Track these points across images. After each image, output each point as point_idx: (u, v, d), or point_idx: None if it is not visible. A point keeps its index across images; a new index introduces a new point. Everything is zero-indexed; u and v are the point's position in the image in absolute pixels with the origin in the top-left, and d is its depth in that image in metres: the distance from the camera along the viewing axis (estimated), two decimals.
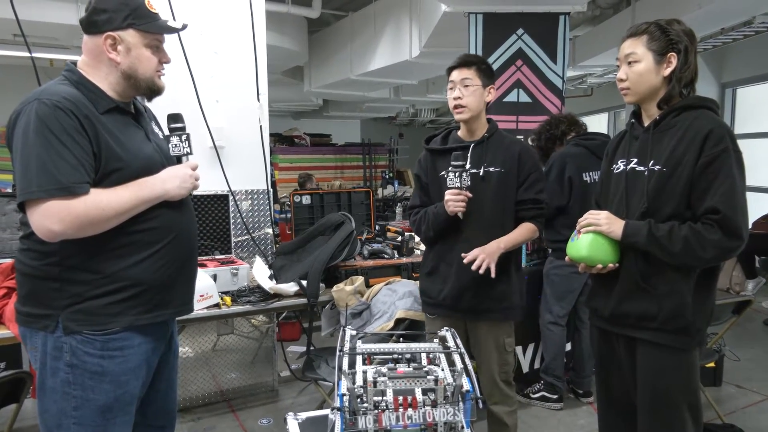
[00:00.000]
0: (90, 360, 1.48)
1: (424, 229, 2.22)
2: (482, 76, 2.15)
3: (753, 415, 3.16)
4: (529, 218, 2.17)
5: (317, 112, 11.28)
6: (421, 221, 2.23)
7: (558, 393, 3.25)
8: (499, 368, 2.22)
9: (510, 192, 2.16)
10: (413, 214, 2.30)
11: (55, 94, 1.42)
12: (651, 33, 1.67)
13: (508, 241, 2.10)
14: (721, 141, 1.59)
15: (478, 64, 2.16)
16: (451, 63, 2.19)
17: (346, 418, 1.19)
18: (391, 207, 7.15)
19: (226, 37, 3.20)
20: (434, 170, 2.24)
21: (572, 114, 3.55)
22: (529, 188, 2.17)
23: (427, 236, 2.24)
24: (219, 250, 3.14)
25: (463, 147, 2.17)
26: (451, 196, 2.06)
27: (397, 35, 5.67)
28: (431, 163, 2.27)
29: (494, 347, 2.20)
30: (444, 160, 2.16)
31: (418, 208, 2.29)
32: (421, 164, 2.32)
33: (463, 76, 2.12)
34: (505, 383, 2.24)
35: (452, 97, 2.15)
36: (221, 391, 3.39)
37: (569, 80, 7.42)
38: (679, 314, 1.65)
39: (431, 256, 2.27)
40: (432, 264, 2.25)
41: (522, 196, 2.17)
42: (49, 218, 1.38)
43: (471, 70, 2.13)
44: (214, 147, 3.08)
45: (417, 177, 2.34)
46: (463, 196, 2.05)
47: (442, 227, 2.15)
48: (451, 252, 2.17)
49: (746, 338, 4.33)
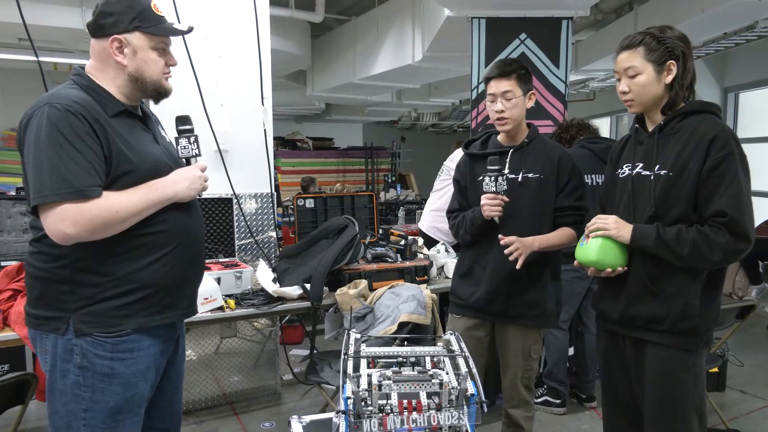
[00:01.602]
0: (100, 362, 1.48)
1: (462, 233, 2.23)
2: (522, 83, 2.11)
3: (756, 420, 3.15)
4: (570, 224, 2.15)
5: (320, 116, 11.30)
6: (459, 225, 2.25)
7: (561, 397, 3.24)
8: (522, 373, 2.22)
9: (548, 198, 2.15)
10: (452, 218, 2.32)
11: (65, 98, 1.43)
12: (647, 44, 1.68)
13: (544, 240, 2.09)
14: (726, 145, 1.61)
15: (518, 71, 2.11)
16: (489, 72, 2.15)
17: (351, 422, 1.19)
18: (393, 210, 7.16)
19: (230, 41, 3.22)
20: (473, 174, 2.24)
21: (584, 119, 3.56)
22: (568, 195, 2.15)
23: (465, 240, 2.25)
24: (223, 253, 3.14)
25: (502, 152, 2.17)
26: (486, 201, 2.06)
27: (400, 39, 5.68)
28: (470, 168, 2.27)
29: (520, 353, 2.20)
30: (482, 165, 2.15)
31: (457, 212, 2.30)
32: (460, 169, 2.34)
33: (504, 89, 2.08)
34: (526, 388, 2.25)
35: (494, 110, 2.11)
36: (224, 394, 3.39)
37: (571, 84, 7.43)
38: (687, 316, 1.66)
39: (467, 258, 2.28)
40: (467, 266, 2.26)
41: (561, 203, 2.15)
42: (63, 221, 1.39)
43: (511, 80, 2.08)
44: (219, 150, 3.09)
45: (456, 181, 2.36)
46: (499, 200, 2.05)
47: (478, 231, 2.16)
48: (486, 256, 2.17)
49: (750, 343, 4.32)
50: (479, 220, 2.12)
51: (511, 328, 2.20)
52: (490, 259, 2.15)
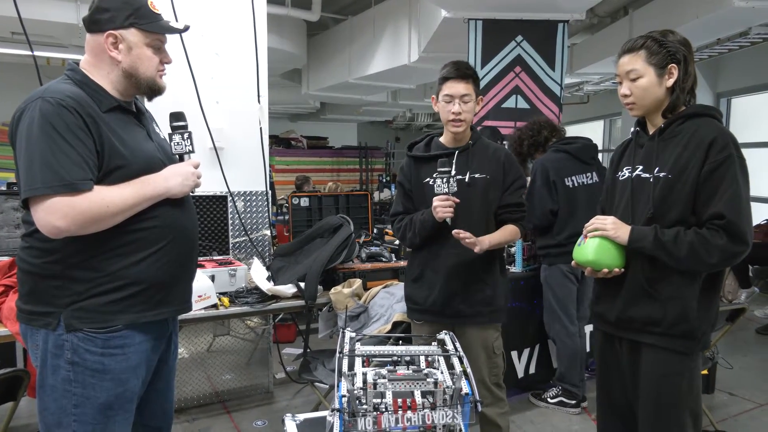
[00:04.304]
0: (91, 358, 1.48)
1: (410, 236, 2.21)
2: (476, 87, 2.16)
3: (745, 422, 3.17)
4: (514, 221, 2.20)
5: (314, 115, 11.29)
6: (406, 228, 2.22)
7: (575, 398, 3.25)
8: (489, 371, 2.23)
9: (494, 197, 2.19)
10: (397, 221, 2.29)
11: (58, 93, 1.43)
12: (648, 48, 1.69)
13: (494, 239, 2.12)
14: (725, 148, 1.62)
15: (473, 76, 2.16)
16: (447, 73, 2.14)
17: (346, 420, 1.20)
18: (388, 210, 7.17)
19: (227, 38, 3.21)
20: (418, 177, 2.24)
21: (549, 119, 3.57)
22: (513, 192, 2.21)
23: (413, 243, 2.23)
24: (217, 251, 3.13)
25: (448, 154, 2.18)
26: (439, 202, 2.06)
27: (396, 40, 5.69)
28: (415, 170, 2.27)
29: (483, 351, 2.21)
30: (428, 168, 2.17)
31: (402, 214, 2.28)
32: (404, 171, 2.32)
33: (463, 92, 2.11)
34: (496, 386, 2.25)
35: (451, 111, 2.12)
36: (216, 392, 3.38)
37: (566, 87, 7.47)
38: (684, 319, 1.67)
39: (416, 262, 2.26)
40: (418, 271, 2.25)
41: (507, 200, 2.20)
42: (53, 214, 1.38)
43: (469, 84, 2.12)
44: (214, 148, 3.08)
45: (400, 184, 2.34)
46: (451, 201, 2.05)
47: (429, 233, 2.15)
48: (438, 258, 2.17)
49: (739, 346, 4.36)
50: (430, 222, 2.11)
51: (471, 328, 2.20)
52: (441, 262, 2.16)
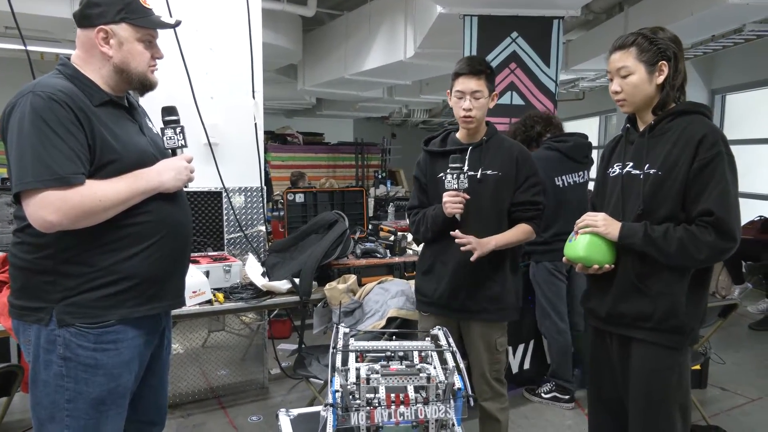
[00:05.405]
0: (83, 353, 1.48)
1: (423, 230, 2.24)
2: (489, 83, 2.13)
3: (737, 417, 3.20)
4: (526, 219, 2.18)
5: (310, 111, 11.27)
6: (420, 222, 2.25)
7: (569, 393, 3.27)
8: (490, 366, 2.24)
9: (507, 195, 2.18)
10: (412, 215, 2.31)
11: (49, 87, 1.42)
12: (639, 45, 1.70)
13: (501, 239, 2.12)
14: (714, 145, 1.63)
15: (487, 72, 2.12)
16: (459, 68, 2.13)
17: (339, 415, 1.20)
18: (383, 207, 7.16)
19: (221, 34, 3.20)
20: (433, 172, 2.25)
21: (547, 113, 3.53)
22: (526, 190, 2.18)
23: (425, 237, 2.26)
24: (212, 246, 3.13)
25: (461, 149, 2.19)
26: (448, 198, 2.07)
27: (392, 35, 5.68)
28: (430, 165, 2.28)
29: (486, 347, 2.22)
30: (443, 162, 2.17)
31: (417, 209, 2.30)
32: (420, 166, 2.33)
33: (474, 89, 2.09)
34: (497, 381, 2.27)
35: (462, 107, 2.12)
36: (211, 388, 3.38)
37: (561, 84, 7.47)
38: (674, 314, 1.68)
39: (428, 255, 2.29)
40: (428, 263, 2.27)
41: (519, 198, 2.18)
42: (45, 208, 1.37)
43: (481, 80, 2.10)
44: (209, 144, 3.07)
45: (416, 178, 2.35)
46: (460, 197, 2.06)
47: (440, 228, 2.16)
48: (447, 252, 2.18)
49: (731, 342, 4.39)
50: (440, 217, 2.12)
51: (475, 324, 2.21)
52: (450, 255, 2.16)
